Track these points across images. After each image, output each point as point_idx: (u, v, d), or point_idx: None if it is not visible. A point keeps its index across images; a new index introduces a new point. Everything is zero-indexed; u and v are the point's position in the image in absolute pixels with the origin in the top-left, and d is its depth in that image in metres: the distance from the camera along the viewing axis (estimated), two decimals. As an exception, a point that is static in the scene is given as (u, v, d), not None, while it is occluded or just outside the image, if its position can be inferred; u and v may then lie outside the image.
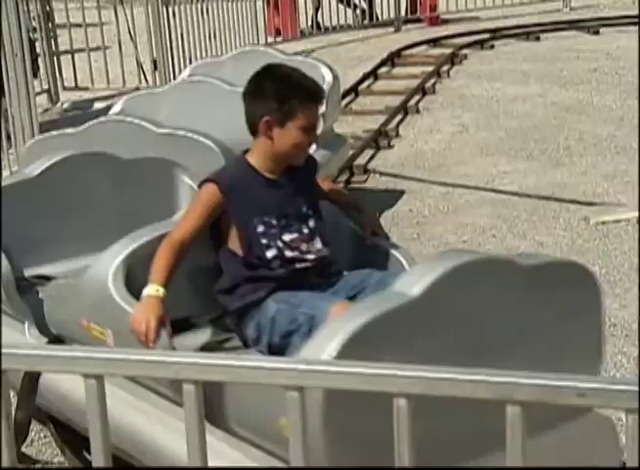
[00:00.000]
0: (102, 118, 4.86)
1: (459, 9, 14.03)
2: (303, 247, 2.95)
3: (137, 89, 9.57)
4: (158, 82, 10.07)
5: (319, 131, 3.14)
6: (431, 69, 10.31)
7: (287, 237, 2.94)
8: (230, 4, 11.63)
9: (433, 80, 10.00)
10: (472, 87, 9.73)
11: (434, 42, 12.02)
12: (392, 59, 11.07)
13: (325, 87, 5.67)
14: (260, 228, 2.92)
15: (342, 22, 13.58)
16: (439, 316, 2.21)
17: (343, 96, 9.43)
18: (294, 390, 1.24)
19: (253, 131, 2.98)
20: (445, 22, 13.83)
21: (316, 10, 13.66)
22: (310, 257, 2.95)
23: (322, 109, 3.12)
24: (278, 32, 12.99)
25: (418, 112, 8.87)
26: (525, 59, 10.88)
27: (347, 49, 12.44)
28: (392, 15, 13.73)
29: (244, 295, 2.91)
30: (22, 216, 3.57)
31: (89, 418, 1.38)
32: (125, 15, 10.48)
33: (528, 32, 12.33)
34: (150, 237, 2.89)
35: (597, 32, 12.18)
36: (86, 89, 10.50)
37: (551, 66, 10.34)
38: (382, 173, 7.13)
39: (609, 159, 7.17)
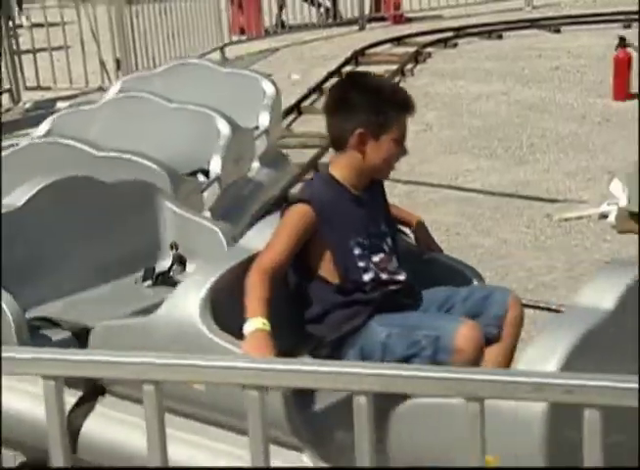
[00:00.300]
0: (35, 140, 4.57)
1: (422, 7, 14.08)
2: (390, 267, 2.79)
3: (100, 89, 9.51)
4: (121, 82, 10.00)
5: (264, 149, 3.06)
6: (395, 67, 10.34)
7: (375, 258, 2.77)
8: (194, 3, 11.59)
9: (396, 79, 10.03)
10: (435, 86, 9.77)
11: (397, 41, 12.06)
12: (357, 57, 11.09)
13: (266, 102, 5.48)
14: (357, 250, 2.73)
15: (306, 20, 13.59)
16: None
17: (309, 95, 9.45)
18: (253, 389, 1.24)
19: (340, 146, 2.78)
20: (409, 20, 13.88)
21: (280, 8, 13.65)
22: (400, 277, 2.80)
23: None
24: (242, 31, 12.96)
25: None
26: (488, 57, 10.95)
27: (312, 48, 12.45)
28: (357, 13, 13.75)
29: (340, 322, 2.71)
30: (11, 249, 3.24)
31: (48, 421, 1.38)
32: (88, 14, 10.40)
33: (491, 31, 12.41)
34: (229, 265, 2.65)
35: (558, 31, 12.29)
36: (48, 89, 10.41)
37: (514, 64, 10.41)
38: (346, 172, 7.13)
39: (571, 156, 7.24)
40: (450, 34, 12.31)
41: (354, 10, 13.77)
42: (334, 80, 10.12)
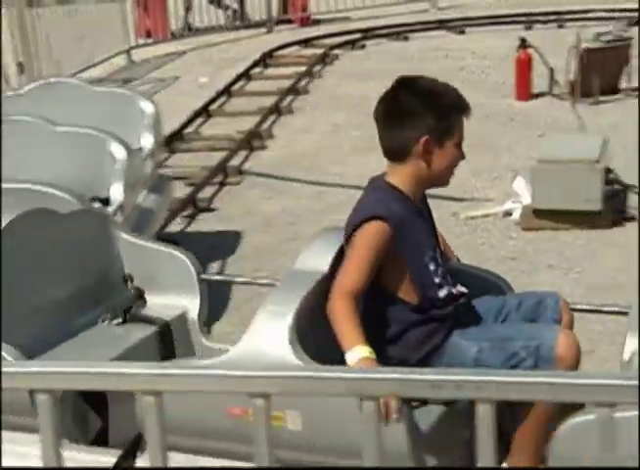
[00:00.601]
0: None
1: (330, 9, 14.16)
2: (449, 280, 2.70)
3: None
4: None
5: (149, 172, 2.90)
6: (303, 69, 10.38)
7: (440, 272, 2.67)
8: (98, 6, 11.43)
9: (305, 81, 10.07)
10: (344, 87, 9.83)
11: (305, 43, 12.11)
12: (265, 60, 11.10)
13: (147, 122, 5.15)
14: (432, 266, 2.62)
15: (213, 23, 13.52)
16: None
17: (217, 97, 9.41)
18: (150, 394, 1.22)
19: (402, 156, 2.61)
20: (317, 22, 13.94)
21: (187, 11, 13.56)
22: (464, 290, 2.72)
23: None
24: (149, 34, 12.84)
25: (291, 112, 8.90)
26: (395, 58, 11.06)
27: (220, 50, 12.40)
28: (264, 16, 13.76)
29: (419, 342, 2.60)
30: None
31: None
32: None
33: (398, 32, 12.56)
34: (305, 291, 2.52)
35: (463, 32, 12.50)
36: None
37: (420, 65, 10.54)
38: (256, 174, 7.13)
39: (476, 155, 7.34)
40: (358, 36, 12.42)
41: (262, 12, 13.77)
42: (242, 83, 10.12)
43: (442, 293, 2.63)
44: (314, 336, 2.45)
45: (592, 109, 8.26)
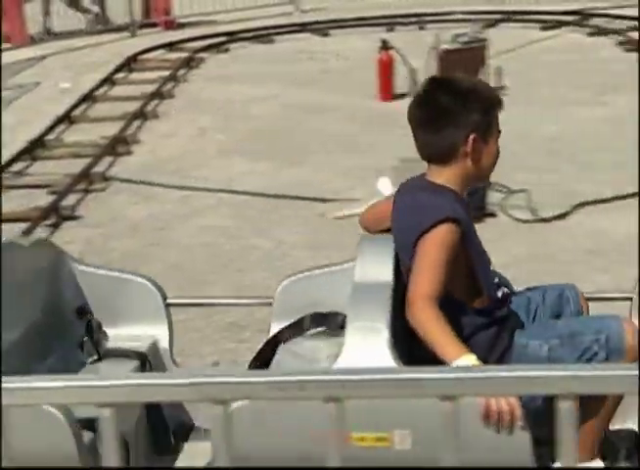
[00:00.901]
0: None
1: (194, 12, 14.07)
2: (502, 280, 2.68)
3: None
4: None
5: None
6: (168, 73, 10.28)
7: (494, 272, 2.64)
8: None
9: (170, 85, 9.99)
10: (209, 90, 9.80)
11: (170, 46, 12.01)
12: (129, 64, 10.95)
13: None
14: (490, 266, 2.59)
15: (74, 27, 13.25)
16: None
17: (80, 103, 9.22)
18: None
19: (449, 157, 2.56)
20: (182, 25, 13.83)
21: (46, 15, 13.24)
22: (509, 289, 2.69)
23: None
24: (7, 39, 12.47)
25: (157, 117, 8.81)
26: (260, 61, 11.09)
27: (82, 54, 12.16)
28: (127, 19, 13.55)
29: (487, 346, 2.54)
30: None
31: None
32: None
33: (263, 35, 12.59)
34: (385, 302, 2.43)
35: (327, 34, 12.63)
36: None
37: (285, 67, 10.60)
38: (122, 180, 7.02)
39: (342, 156, 7.44)
40: (223, 39, 12.40)
41: (125, 16, 13.56)
42: (106, 88, 9.95)
43: (500, 293, 2.61)
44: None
45: (453, 108, 8.46)
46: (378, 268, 2.56)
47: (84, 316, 3.09)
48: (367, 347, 2.33)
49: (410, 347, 2.45)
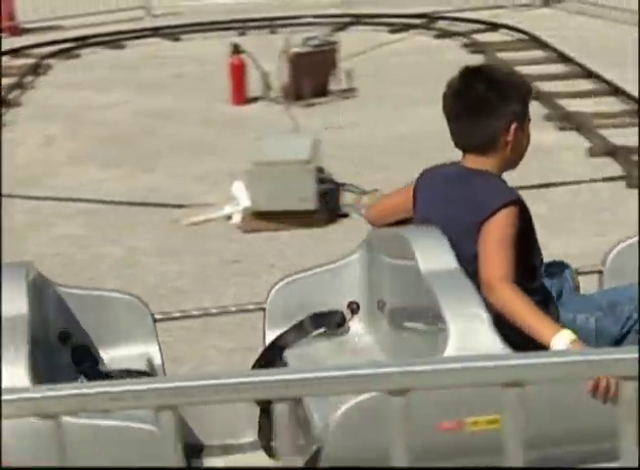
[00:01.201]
0: None
1: (41, 17, 13.70)
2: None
3: None
4: None
5: None
6: (13, 80, 9.99)
7: None
8: None
9: (17, 92, 9.70)
10: (58, 97, 9.57)
11: (15, 53, 11.66)
12: (-28, 71, 10.57)
13: None
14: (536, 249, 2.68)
15: None
16: None
17: None
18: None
19: (491, 146, 2.63)
20: (27, 31, 13.44)
21: None
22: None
23: None
24: None
25: (4, 125, 8.54)
26: (111, 67, 10.90)
27: None
28: (-30, 25, 13.07)
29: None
30: None
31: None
32: None
33: (114, 40, 12.38)
34: (472, 288, 2.44)
35: (179, 39, 12.53)
36: None
37: (137, 73, 10.45)
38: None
39: (196, 161, 7.40)
40: (72, 45, 12.12)
41: (-34, 21, 13.08)
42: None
43: (540, 271, 2.71)
44: None
45: (305, 111, 8.55)
46: (441, 257, 2.55)
47: (67, 342, 2.92)
48: (473, 333, 2.37)
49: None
